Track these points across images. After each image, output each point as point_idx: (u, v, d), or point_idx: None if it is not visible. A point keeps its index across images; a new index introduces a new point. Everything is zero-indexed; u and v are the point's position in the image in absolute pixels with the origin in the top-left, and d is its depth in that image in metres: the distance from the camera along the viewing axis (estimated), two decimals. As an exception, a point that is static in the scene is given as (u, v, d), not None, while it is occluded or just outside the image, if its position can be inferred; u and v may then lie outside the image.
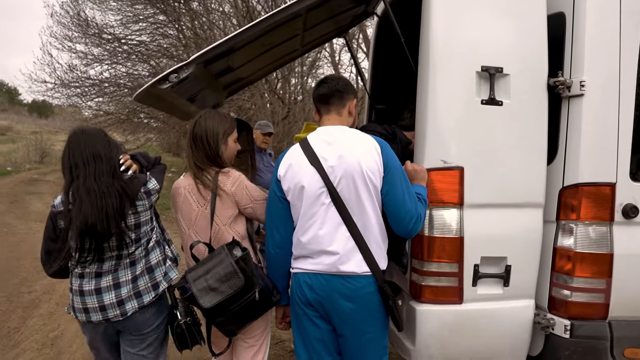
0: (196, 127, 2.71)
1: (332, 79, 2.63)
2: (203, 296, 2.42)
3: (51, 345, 4.83)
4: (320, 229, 2.42)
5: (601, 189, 2.63)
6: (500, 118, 2.63)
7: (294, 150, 2.52)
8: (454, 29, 2.61)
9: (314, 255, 2.45)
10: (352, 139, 2.47)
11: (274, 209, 2.56)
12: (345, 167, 2.38)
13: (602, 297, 2.64)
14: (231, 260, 2.46)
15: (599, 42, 2.61)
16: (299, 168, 2.44)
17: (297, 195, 2.45)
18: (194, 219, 2.70)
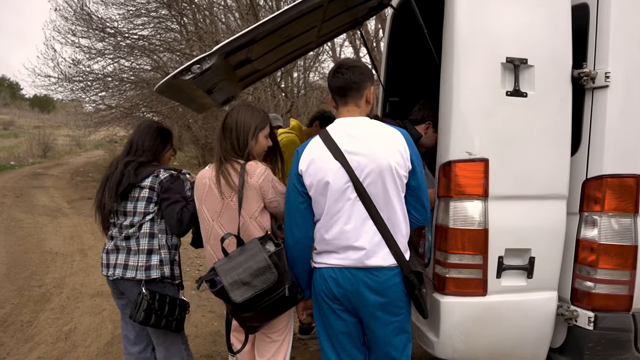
0: (228, 118, 2.70)
1: (347, 68, 2.50)
2: (234, 290, 2.39)
3: (65, 339, 4.83)
4: (346, 224, 2.39)
5: (625, 180, 2.62)
6: (525, 109, 2.62)
7: (315, 143, 2.46)
8: (478, 20, 2.60)
9: (340, 250, 2.43)
10: (377, 132, 2.43)
11: (293, 204, 2.50)
12: (372, 162, 2.35)
13: (626, 288, 2.64)
14: (265, 254, 2.43)
15: (623, 33, 2.59)
16: (323, 163, 2.39)
17: (320, 190, 2.40)
18: (219, 210, 2.67)
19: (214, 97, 3.61)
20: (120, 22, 14.51)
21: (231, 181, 2.59)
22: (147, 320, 2.94)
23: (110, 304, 5.76)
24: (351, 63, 2.57)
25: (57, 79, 15.65)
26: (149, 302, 2.94)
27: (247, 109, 2.73)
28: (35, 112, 49.84)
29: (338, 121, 2.51)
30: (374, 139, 2.40)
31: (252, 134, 2.68)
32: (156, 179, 3.02)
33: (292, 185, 2.49)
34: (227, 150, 2.67)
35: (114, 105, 17.01)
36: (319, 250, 2.51)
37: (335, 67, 2.55)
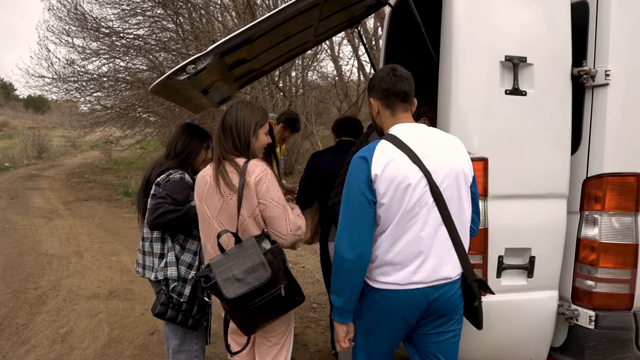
0: (227, 116, 2.65)
1: (406, 74, 2.38)
2: (227, 286, 2.35)
3: (61, 341, 4.79)
4: (421, 230, 2.23)
5: (626, 179, 2.60)
6: (524, 108, 2.60)
7: (385, 147, 2.25)
8: (477, 18, 2.58)
9: (409, 262, 2.24)
10: (442, 137, 2.35)
11: (359, 214, 2.23)
12: (447, 166, 2.25)
13: (627, 287, 2.63)
14: (259, 251, 2.40)
15: (623, 31, 2.58)
16: (400, 166, 2.20)
17: (398, 196, 2.19)
18: (219, 209, 2.61)
19: (209, 97, 3.58)
20: (115, 21, 14.46)
21: (229, 180, 2.54)
22: (162, 314, 3.06)
23: (107, 306, 5.73)
24: (404, 69, 2.43)
25: (52, 79, 15.61)
26: (166, 296, 3.08)
27: (247, 106, 2.69)
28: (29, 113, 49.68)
29: (401, 127, 2.34)
30: (442, 143, 2.31)
31: (252, 131, 2.64)
32: (166, 177, 3.09)
33: (359, 193, 2.23)
34: (227, 149, 2.62)
35: (110, 105, 16.95)
36: (382, 267, 2.29)
37: (393, 72, 2.38)
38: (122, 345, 4.71)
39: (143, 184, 3.24)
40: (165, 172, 3.12)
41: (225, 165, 2.59)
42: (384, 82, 2.37)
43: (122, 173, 18.91)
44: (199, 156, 3.26)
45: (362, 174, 2.23)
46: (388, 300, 2.30)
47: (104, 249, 8.33)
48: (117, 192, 14.60)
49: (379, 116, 2.44)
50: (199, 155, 3.26)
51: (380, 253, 2.27)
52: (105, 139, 21.80)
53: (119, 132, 20.75)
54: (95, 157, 25.31)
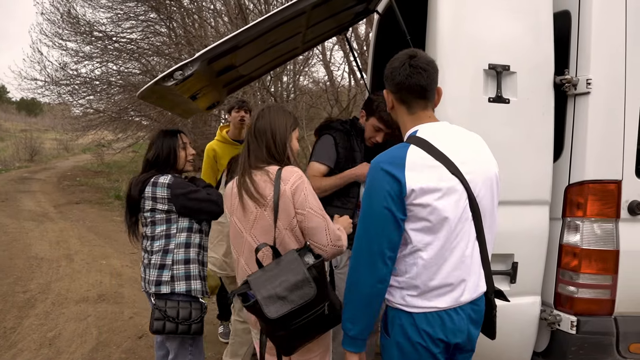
0: (260, 121, 2.46)
1: (427, 63, 2.05)
2: (269, 305, 2.14)
3: (49, 345, 4.78)
4: (466, 248, 2.00)
5: (607, 186, 2.64)
6: (507, 116, 2.64)
7: (420, 155, 1.95)
8: (461, 27, 2.62)
9: (457, 284, 2.00)
10: (470, 137, 2.11)
11: (384, 233, 1.94)
12: (483, 173, 2.03)
13: (607, 293, 2.66)
14: (303, 267, 2.19)
15: (604, 40, 2.62)
16: (441, 179, 1.93)
17: (442, 214, 1.93)
18: (252, 221, 2.40)
19: (198, 103, 3.60)
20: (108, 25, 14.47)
21: (261, 190, 2.36)
22: (160, 329, 2.92)
23: (96, 309, 5.72)
24: (427, 56, 2.10)
25: (44, 82, 15.58)
26: (160, 310, 2.93)
27: (278, 109, 2.51)
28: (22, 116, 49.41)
29: (428, 128, 2.05)
30: (474, 145, 2.09)
31: (288, 134, 2.47)
32: (155, 187, 2.95)
33: (382, 211, 1.93)
34: (259, 156, 2.42)
35: (102, 109, 16.92)
36: (427, 293, 1.99)
37: (410, 60, 2.05)
38: (109, 349, 4.70)
39: (128, 203, 3.07)
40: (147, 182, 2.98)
41: (255, 174, 2.39)
42: (397, 73, 2.07)
43: (114, 176, 18.84)
44: (179, 158, 3.11)
45: (390, 189, 1.91)
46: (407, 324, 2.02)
47: (94, 252, 8.31)
48: (108, 196, 14.55)
49: (394, 111, 2.18)
50: (179, 157, 3.11)
51: (426, 278, 1.98)
52: (97, 142, 21.75)
53: (111, 136, 20.71)
54: (87, 160, 25.21)
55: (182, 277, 2.99)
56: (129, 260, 7.78)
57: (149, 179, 2.99)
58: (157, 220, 3.00)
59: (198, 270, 3.06)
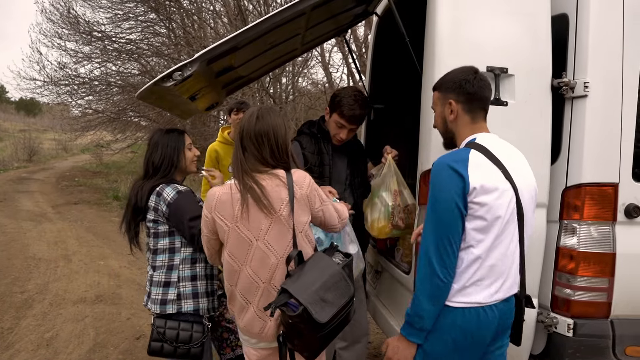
0: (259, 123, 2.38)
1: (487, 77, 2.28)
2: (318, 310, 2.09)
3: (46, 346, 4.78)
4: (508, 248, 2.14)
5: (604, 189, 2.64)
6: (505, 118, 2.64)
7: (480, 158, 2.11)
8: (460, 29, 2.62)
9: (495, 280, 2.13)
10: (517, 152, 2.29)
11: (453, 229, 2.07)
12: (528, 182, 2.22)
13: (604, 296, 2.66)
14: (338, 267, 2.21)
15: (602, 44, 2.62)
16: (498, 180, 2.09)
17: (496, 212, 2.08)
18: (265, 228, 2.32)
19: (197, 103, 3.60)
20: (107, 25, 14.49)
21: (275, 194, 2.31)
22: (158, 351, 2.81)
23: (93, 310, 5.72)
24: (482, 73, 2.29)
25: (43, 82, 15.58)
26: (159, 332, 2.81)
27: (274, 111, 2.48)
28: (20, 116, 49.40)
29: (486, 136, 2.24)
30: (519, 158, 2.27)
31: (288, 136, 2.45)
32: (159, 198, 2.83)
33: (452, 207, 2.06)
34: (261, 159, 2.37)
35: (101, 109, 16.93)
36: (469, 287, 2.13)
37: (476, 74, 2.24)
38: (107, 350, 4.70)
39: (131, 210, 2.93)
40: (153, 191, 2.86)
41: (263, 178, 2.33)
42: (470, 84, 2.21)
43: (113, 177, 18.85)
44: (185, 159, 2.99)
45: (456, 185, 2.05)
46: (468, 320, 2.13)
47: (92, 252, 8.31)
48: (107, 196, 14.56)
49: (456, 121, 2.28)
50: (184, 158, 2.99)
51: (470, 273, 2.12)
52: (96, 142, 21.76)
53: (110, 136, 20.73)
54: (86, 161, 25.22)
55: (190, 296, 2.86)
56: (127, 261, 7.78)
57: (154, 187, 2.87)
58: (159, 232, 2.89)
59: (205, 286, 2.92)
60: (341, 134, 3.26)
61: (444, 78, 2.33)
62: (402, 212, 3.15)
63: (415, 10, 3.09)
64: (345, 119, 3.20)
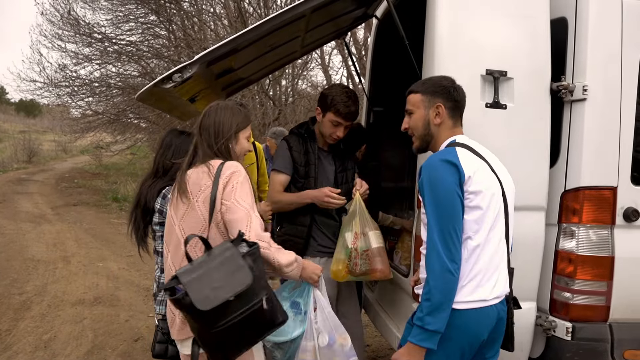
0: (205, 118, 2.41)
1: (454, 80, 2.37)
2: (200, 296, 1.94)
3: (44, 347, 4.77)
4: (500, 241, 2.19)
5: (603, 192, 2.65)
6: (504, 121, 2.65)
7: (466, 153, 2.18)
8: (459, 33, 2.62)
9: (491, 275, 2.16)
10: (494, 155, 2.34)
11: (456, 219, 2.09)
12: (509, 183, 2.28)
13: (603, 299, 2.66)
14: (238, 254, 2.05)
15: (601, 47, 2.63)
16: (486, 172, 2.17)
17: (488, 201, 2.13)
18: (181, 214, 2.32)
19: (197, 105, 3.61)
20: (107, 27, 14.49)
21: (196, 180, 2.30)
22: (162, 354, 2.78)
23: (92, 312, 5.71)
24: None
25: (43, 83, 15.58)
26: (162, 333, 2.78)
27: (226, 107, 2.45)
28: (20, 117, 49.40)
29: (465, 138, 2.32)
30: (497, 160, 2.32)
31: (233, 133, 2.41)
32: (164, 201, 2.81)
33: (453, 198, 2.08)
34: (206, 153, 2.37)
35: (101, 110, 16.93)
36: (469, 283, 2.13)
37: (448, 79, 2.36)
38: (105, 352, 4.70)
39: (140, 209, 2.89)
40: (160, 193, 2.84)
41: (195, 166, 2.35)
42: (457, 92, 2.33)
43: (112, 178, 18.85)
44: None
45: (453, 176, 2.09)
46: (474, 321, 2.13)
47: (91, 254, 8.31)
48: (106, 198, 14.56)
49: (442, 125, 2.33)
50: None
51: (471, 264, 2.13)
52: (95, 144, 21.74)
53: (109, 138, 20.71)
54: (86, 162, 25.22)
55: None
56: (125, 262, 7.78)
57: (162, 189, 2.84)
58: None
59: None
60: (338, 132, 3.24)
61: (427, 82, 2.40)
62: (358, 258, 3.00)
63: (414, 13, 3.10)
64: (341, 117, 3.19)
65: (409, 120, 2.42)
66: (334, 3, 2.92)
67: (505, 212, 2.21)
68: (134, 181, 16.20)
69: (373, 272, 2.99)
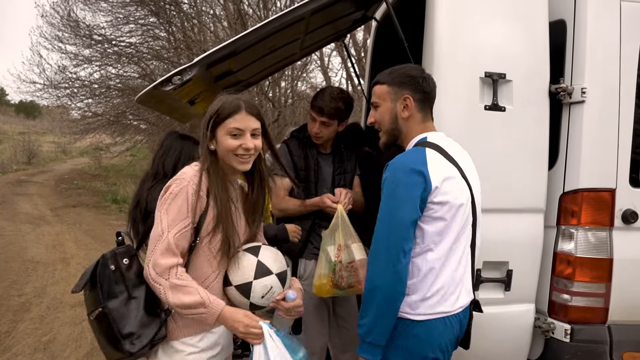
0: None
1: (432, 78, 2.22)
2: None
3: (44, 349, 4.77)
4: (464, 251, 2.12)
5: (601, 194, 2.65)
6: (503, 123, 2.65)
7: (437, 157, 2.05)
8: (458, 35, 2.63)
9: (455, 285, 2.08)
10: (465, 152, 2.24)
11: (407, 230, 1.98)
12: (477, 185, 2.20)
13: (601, 301, 2.67)
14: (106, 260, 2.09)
15: (599, 49, 2.64)
16: (456, 181, 2.05)
17: (455, 213, 2.03)
18: None
19: (197, 107, 3.61)
20: (107, 29, 14.49)
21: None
22: None
23: (91, 313, 5.70)
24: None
25: (43, 85, 15.58)
26: None
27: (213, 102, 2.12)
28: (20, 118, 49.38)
29: (438, 135, 2.18)
30: (468, 158, 2.23)
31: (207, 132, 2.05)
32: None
33: (409, 209, 1.96)
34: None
35: (100, 112, 16.93)
36: (433, 296, 2.04)
37: (426, 74, 2.21)
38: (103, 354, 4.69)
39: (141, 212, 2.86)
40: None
41: None
42: (426, 82, 2.16)
43: (112, 180, 18.85)
44: None
45: (417, 186, 1.96)
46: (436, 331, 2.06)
47: (91, 256, 8.29)
48: (105, 199, 14.56)
49: (408, 119, 2.18)
50: None
51: (430, 278, 2.03)
52: (95, 145, 21.74)
53: (109, 139, 20.70)
54: (85, 164, 25.20)
55: None
56: (125, 264, 7.75)
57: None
58: None
59: None
60: (314, 128, 3.16)
61: (394, 72, 2.22)
62: (343, 270, 2.88)
63: (413, 14, 3.11)
64: (314, 111, 3.13)
65: (375, 113, 2.28)
66: (333, 5, 2.92)
67: (474, 219, 2.13)
68: (133, 183, 16.17)
69: (359, 284, 2.88)
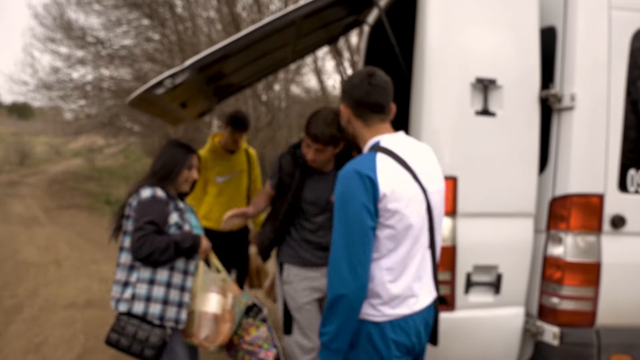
0: None
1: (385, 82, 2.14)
2: None
3: (35, 351, 4.75)
4: (423, 257, 2.11)
5: (590, 199, 2.68)
6: (493, 129, 2.67)
7: (387, 162, 2.02)
8: (449, 41, 2.65)
9: (415, 292, 2.09)
10: (426, 150, 2.22)
11: (364, 238, 1.96)
12: (437, 184, 2.16)
13: (590, 305, 2.69)
14: None
15: (589, 56, 2.67)
16: (407, 185, 2.02)
17: (407, 219, 2.01)
18: None
19: (188, 110, 3.62)
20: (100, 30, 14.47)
21: None
22: (114, 343, 2.71)
23: (84, 315, 5.69)
24: (384, 75, 2.17)
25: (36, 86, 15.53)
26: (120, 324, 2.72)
27: None
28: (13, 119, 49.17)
29: (389, 138, 2.13)
30: (428, 158, 2.19)
31: None
32: (136, 196, 2.80)
33: (363, 216, 1.94)
34: None
35: (94, 114, 16.89)
36: (385, 300, 2.04)
37: (369, 79, 2.13)
38: (96, 356, 4.68)
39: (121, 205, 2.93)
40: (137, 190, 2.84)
41: None
42: (357, 90, 2.14)
43: (105, 181, 18.78)
44: (180, 176, 2.93)
45: (367, 191, 1.94)
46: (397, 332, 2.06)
47: (83, 257, 8.28)
48: (98, 201, 14.49)
49: (350, 125, 2.22)
50: (180, 175, 2.93)
51: (387, 284, 2.03)
52: (88, 147, 21.69)
53: (102, 141, 20.66)
54: (78, 165, 25.12)
55: (142, 298, 2.74)
56: (117, 266, 7.73)
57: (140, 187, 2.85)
58: (127, 230, 2.83)
59: (164, 293, 2.76)
60: (309, 154, 3.04)
61: (342, 86, 2.26)
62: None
63: (405, 19, 3.13)
64: (310, 138, 2.98)
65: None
66: (325, 10, 2.94)
67: (431, 222, 2.11)
68: (126, 184, 16.14)
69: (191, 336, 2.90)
